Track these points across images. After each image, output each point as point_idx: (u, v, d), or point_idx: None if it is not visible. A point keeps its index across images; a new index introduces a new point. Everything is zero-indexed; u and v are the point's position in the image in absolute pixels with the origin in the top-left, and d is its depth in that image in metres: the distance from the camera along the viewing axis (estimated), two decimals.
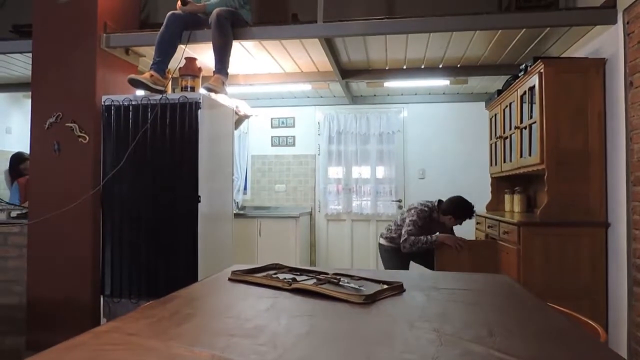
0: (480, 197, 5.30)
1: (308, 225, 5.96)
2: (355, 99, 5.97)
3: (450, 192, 5.58)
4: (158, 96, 3.19)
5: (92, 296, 3.26)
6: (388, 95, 5.91)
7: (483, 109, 5.30)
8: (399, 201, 5.89)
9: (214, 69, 3.41)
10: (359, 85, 5.38)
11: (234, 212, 4.72)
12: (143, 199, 3.21)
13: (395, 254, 3.90)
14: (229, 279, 1.70)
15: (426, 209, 3.89)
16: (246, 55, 4.08)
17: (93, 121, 3.30)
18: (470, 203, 3.87)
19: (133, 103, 3.25)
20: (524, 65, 3.72)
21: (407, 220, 3.84)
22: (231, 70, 4.05)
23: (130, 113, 3.24)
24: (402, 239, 3.78)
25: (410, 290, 1.57)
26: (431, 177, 5.75)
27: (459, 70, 4.64)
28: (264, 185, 6.18)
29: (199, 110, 3.16)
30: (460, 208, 3.83)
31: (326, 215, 6.01)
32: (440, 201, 3.96)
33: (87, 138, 3.29)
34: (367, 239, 5.84)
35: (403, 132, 5.90)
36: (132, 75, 3.18)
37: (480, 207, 5.08)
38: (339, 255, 5.99)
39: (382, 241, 4.04)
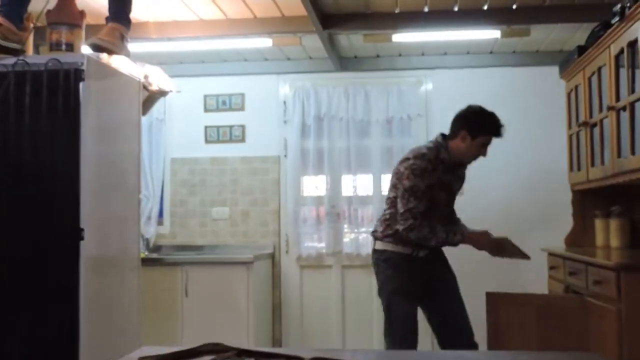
0: (554, 222, 5.38)
1: (269, 277, 5.96)
2: (345, 62, 6.03)
3: (502, 214, 5.70)
4: (11, 59, 3.16)
5: None
6: (400, 55, 5.97)
7: (555, 78, 5.39)
8: None
9: (107, 14, 3.40)
10: (351, 40, 5.43)
11: (143, 255, 4.69)
12: None
13: (401, 265, 3.85)
14: None
15: (426, 151, 3.82)
16: None
17: None
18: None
19: None
20: (619, 5, 3.82)
21: (401, 191, 3.76)
22: (136, 14, 4.06)
23: None
24: (400, 226, 3.72)
25: None
26: (472, 191, 5.78)
27: (515, 13, 4.73)
28: (193, 208, 6.18)
29: (81, 83, 3.13)
30: (474, 114, 3.86)
31: (299, 258, 6.03)
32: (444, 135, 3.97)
33: None
34: (368, 297, 5.85)
35: (426, 117, 5.96)
36: None
37: (554, 240, 5.15)
38: (321, 326, 5.99)
39: (378, 244, 3.96)
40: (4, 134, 3.15)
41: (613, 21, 3.92)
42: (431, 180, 3.74)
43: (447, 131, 3.88)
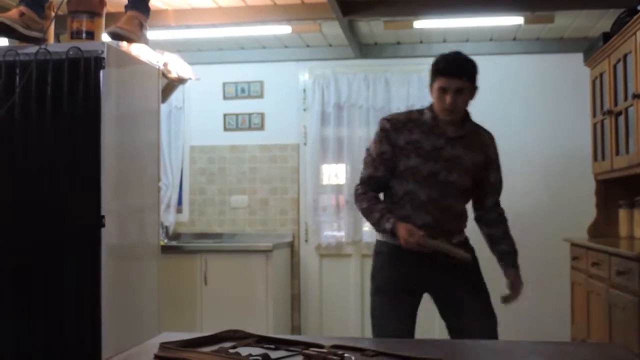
0: (576, 212, 5.36)
1: (288, 266, 6.01)
2: (365, 49, 6.03)
3: (524, 203, 5.68)
4: (33, 48, 3.21)
5: None
6: (421, 42, 5.96)
7: (580, 65, 5.37)
8: None
9: (126, 3, 3.44)
10: (372, 27, 5.43)
11: (162, 243, 4.74)
12: (7, 218, 3.22)
13: (387, 259, 3.23)
14: (156, 357, 1.73)
15: (394, 114, 3.36)
16: None
17: None
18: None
19: None
20: None
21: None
22: (155, 2, 4.10)
23: None
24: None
25: None
26: None
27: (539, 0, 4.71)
28: (212, 197, 6.23)
29: (101, 71, 3.17)
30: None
31: (319, 247, 6.07)
32: None
33: None
34: None
35: None
36: None
37: (576, 230, 5.14)
38: (340, 315, 6.03)
39: (376, 234, 3.33)
40: (27, 121, 3.21)
41: (639, 7, 3.91)
42: (397, 142, 3.09)
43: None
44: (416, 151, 3.08)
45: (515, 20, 5.11)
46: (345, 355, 1.61)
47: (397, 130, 3.11)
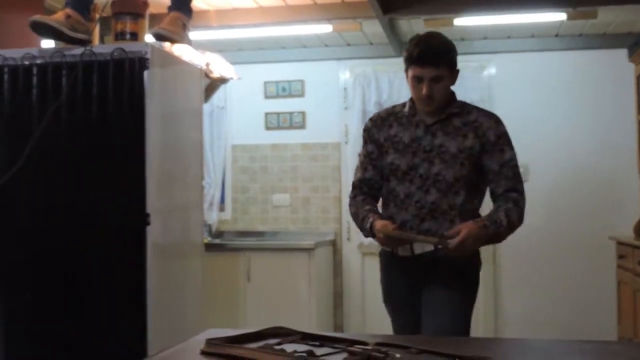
0: (623, 209, 5.29)
1: (330, 264, 6.01)
2: (406, 47, 6.00)
3: (572, 203, 5.63)
4: (79, 50, 3.25)
5: None
6: (462, 40, 5.92)
7: (624, 61, 5.30)
8: None
9: (169, 4, 3.47)
10: (412, 25, 5.41)
11: (206, 241, 4.78)
12: (54, 218, 3.26)
13: (386, 266, 3.05)
14: (202, 353, 1.75)
15: (379, 111, 3.10)
16: None
17: None
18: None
19: (38, 62, 3.29)
20: None
21: None
22: (197, 3, 4.13)
23: (35, 78, 3.29)
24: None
25: None
26: (539, 179, 5.74)
27: None
28: (254, 195, 6.27)
29: (145, 72, 3.20)
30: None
31: (361, 245, 6.05)
32: None
33: None
34: None
35: (489, 102, 5.90)
36: (37, 17, 3.23)
37: (621, 228, 5.08)
38: (383, 313, 6.00)
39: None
40: (73, 122, 3.26)
41: None
42: (379, 139, 2.92)
43: (513, 119, 3.65)
44: (394, 146, 2.86)
45: (557, 16, 5.04)
46: (390, 352, 1.61)
47: (378, 127, 2.94)
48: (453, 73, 2.81)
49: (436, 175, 2.76)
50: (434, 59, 2.72)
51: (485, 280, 5.88)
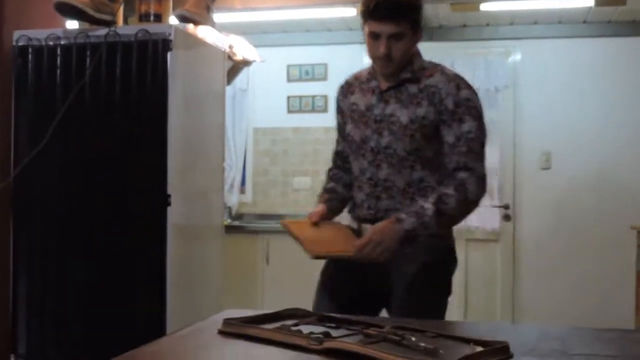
0: None
1: None
2: (430, 32, 5.97)
3: (594, 191, 5.60)
4: (103, 30, 3.27)
5: None
6: (487, 25, 5.88)
7: None
8: (506, 207, 5.87)
9: None
10: (438, 9, 5.38)
11: (226, 223, 4.81)
12: (79, 199, 3.30)
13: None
14: (220, 332, 1.76)
15: (347, 77, 2.75)
16: None
17: None
18: None
19: (62, 42, 3.32)
20: None
21: None
22: None
23: (59, 58, 3.32)
24: None
25: (521, 357, 1.60)
26: (562, 167, 5.72)
27: None
28: (275, 178, 6.29)
29: (168, 53, 3.22)
30: None
31: None
32: None
33: None
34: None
35: (513, 89, 5.88)
36: None
37: None
38: None
39: None
40: (97, 102, 3.29)
41: None
42: (343, 108, 2.64)
43: (538, 106, 3.53)
44: (352, 115, 2.55)
45: (585, 2, 5.01)
46: (406, 335, 1.62)
47: (343, 95, 2.64)
48: (417, 31, 2.42)
49: (386, 149, 2.42)
50: (394, 13, 2.32)
51: (504, 268, 5.90)
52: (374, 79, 2.49)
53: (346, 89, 2.62)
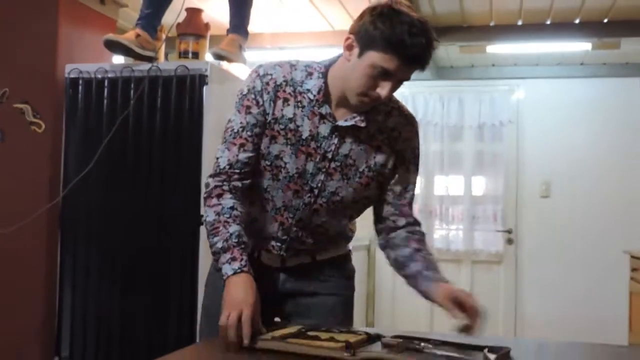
0: (637, 226, 5.23)
1: (364, 266, 6.02)
2: (441, 71, 6.01)
3: (590, 217, 5.58)
4: (146, 65, 3.33)
5: (42, 359, 3.44)
6: (493, 66, 5.91)
7: None
8: (509, 232, 5.86)
9: (228, 27, 3.54)
10: (448, 51, 5.42)
11: None
12: (119, 219, 3.34)
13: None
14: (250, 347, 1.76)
15: (267, 67, 1.91)
16: (276, 3, 4.21)
17: (52, 101, 3.46)
18: None
19: (110, 76, 3.38)
20: None
21: None
22: (253, 27, 4.18)
23: (106, 90, 3.38)
24: None
25: None
26: (560, 195, 5.71)
27: (606, 27, 4.62)
28: None
29: (204, 87, 3.26)
30: (374, 10, 1.72)
31: None
32: None
33: (43, 125, 3.47)
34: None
35: (517, 124, 5.89)
36: (110, 35, 3.33)
37: (638, 242, 5.01)
38: (411, 313, 6.00)
39: None
40: (139, 130, 3.34)
41: None
42: (268, 112, 1.84)
43: (540, 140, 3.46)
44: (285, 134, 1.82)
45: (583, 46, 5.03)
46: (422, 344, 1.62)
47: (269, 95, 1.85)
48: None
49: (333, 194, 1.85)
50: (427, 60, 1.73)
51: (506, 288, 5.86)
52: (326, 104, 1.80)
53: (274, 88, 1.84)
